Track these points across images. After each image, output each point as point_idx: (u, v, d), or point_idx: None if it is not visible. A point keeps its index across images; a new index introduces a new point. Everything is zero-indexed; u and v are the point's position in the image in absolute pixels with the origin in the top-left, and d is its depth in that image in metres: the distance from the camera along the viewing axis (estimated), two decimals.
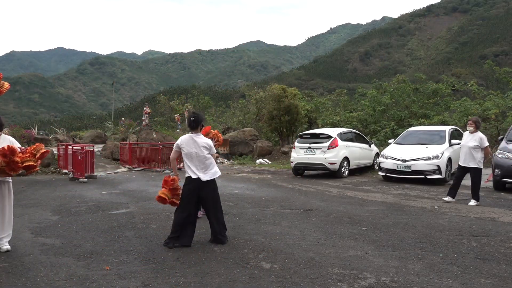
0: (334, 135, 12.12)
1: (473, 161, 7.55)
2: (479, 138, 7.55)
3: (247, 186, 10.39)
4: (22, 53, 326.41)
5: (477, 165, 7.54)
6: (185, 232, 5.00)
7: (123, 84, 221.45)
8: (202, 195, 5.04)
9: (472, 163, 7.55)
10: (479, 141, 7.53)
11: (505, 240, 5.12)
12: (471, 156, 7.56)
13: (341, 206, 7.58)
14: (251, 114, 25.71)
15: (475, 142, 7.55)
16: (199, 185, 4.99)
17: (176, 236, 4.97)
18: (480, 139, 7.54)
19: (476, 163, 7.54)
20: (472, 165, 7.56)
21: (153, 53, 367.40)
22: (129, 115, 72.43)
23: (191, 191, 5.00)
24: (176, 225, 5.00)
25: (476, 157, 7.53)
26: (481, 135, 7.60)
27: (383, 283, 3.69)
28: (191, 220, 5.05)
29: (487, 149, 7.61)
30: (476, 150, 7.54)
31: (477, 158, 7.53)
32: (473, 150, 7.56)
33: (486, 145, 7.58)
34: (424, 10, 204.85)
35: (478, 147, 7.53)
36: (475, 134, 7.63)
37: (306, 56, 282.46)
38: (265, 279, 3.83)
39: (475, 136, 7.61)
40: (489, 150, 7.70)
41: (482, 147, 7.54)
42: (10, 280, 3.90)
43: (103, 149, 19.43)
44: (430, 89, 21.02)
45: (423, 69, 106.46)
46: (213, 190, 5.14)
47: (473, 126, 7.68)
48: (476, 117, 8.09)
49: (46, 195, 9.19)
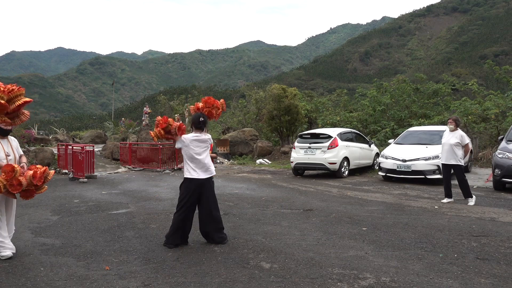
0: (334, 135, 12.12)
1: (454, 159, 7.69)
2: (460, 136, 7.70)
3: (247, 186, 10.39)
4: (22, 53, 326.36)
5: (458, 162, 7.69)
6: (184, 231, 5.02)
7: (123, 84, 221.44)
8: (203, 193, 5.02)
9: (453, 161, 7.70)
10: (460, 138, 7.68)
11: (505, 240, 5.12)
12: (453, 154, 7.71)
13: (341, 206, 7.58)
14: (251, 114, 25.71)
15: (456, 140, 7.70)
16: (200, 185, 4.97)
17: (175, 236, 4.98)
18: (461, 136, 7.70)
19: (457, 160, 7.68)
20: (453, 162, 7.71)
21: (153, 53, 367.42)
22: (129, 115, 72.49)
23: (192, 190, 4.97)
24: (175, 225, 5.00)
25: (457, 154, 7.68)
26: (462, 133, 7.77)
27: (383, 283, 3.69)
28: (190, 219, 5.06)
29: (467, 146, 7.78)
30: (457, 148, 7.69)
31: (458, 155, 7.68)
32: (454, 147, 7.71)
33: (467, 142, 7.74)
34: (424, 10, 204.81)
35: (459, 144, 7.68)
36: (456, 132, 7.79)
37: (306, 56, 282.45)
38: (265, 279, 3.83)
39: (455, 134, 7.77)
40: (469, 147, 7.87)
41: (463, 144, 7.69)
42: (10, 280, 3.90)
43: (103, 149, 19.43)
44: (431, 89, 21.02)
45: (423, 69, 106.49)
46: (213, 189, 5.16)
47: (453, 124, 7.85)
48: (456, 116, 8.25)
49: (46, 195, 9.18)
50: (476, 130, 16.05)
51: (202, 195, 5.03)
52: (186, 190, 5.00)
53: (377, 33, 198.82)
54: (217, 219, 5.11)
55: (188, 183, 5.00)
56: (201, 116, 5.08)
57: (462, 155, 7.71)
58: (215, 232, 5.09)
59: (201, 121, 5.03)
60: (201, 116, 5.07)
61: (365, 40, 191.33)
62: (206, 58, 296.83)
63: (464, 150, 7.75)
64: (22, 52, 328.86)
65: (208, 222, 5.07)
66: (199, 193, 5.00)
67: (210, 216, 5.05)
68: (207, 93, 71.34)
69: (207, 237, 5.14)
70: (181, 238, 5.02)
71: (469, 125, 16.29)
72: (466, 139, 7.74)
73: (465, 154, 7.81)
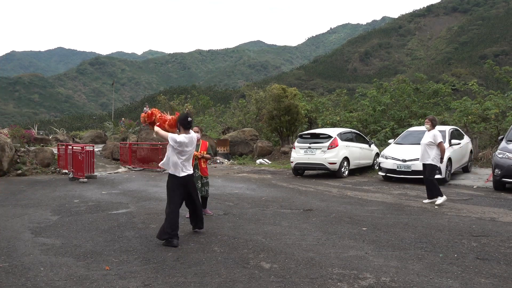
0: (334, 135, 12.12)
1: (428, 158, 7.71)
2: (433, 135, 7.69)
3: (247, 186, 10.39)
4: (22, 53, 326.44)
5: (432, 162, 7.67)
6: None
7: (123, 84, 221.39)
8: (190, 187, 5.39)
9: (427, 160, 7.72)
10: (433, 137, 7.68)
11: (505, 240, 5.12)
12: (427, 153, 7.74)
13: (341, 206, 7.58)
14: (251, 114, 25.70)
15: (429, 139, 7.72)
16: (187, 180, 5.31)
17: (176, 233, 5.09)
18: (434, 135, 7.69)
19: (431, 159, 7.68)
20: (427, 161, 7.72)
21: (153, 53, 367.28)
22: (129, 115, 72.45)
23: (180, 186, 5.28)
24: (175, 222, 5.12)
25: (430, 154, 7.68)
26: (435, 132, 7.73)
27: (383, 283, 3.69)
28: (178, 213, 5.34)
29: (440, 145, 7.69)
30: (430, 147, 7.70)
31: (431, 155, 7.67)
32: (427, 147, 7.74)
33: (439, 141, 7.67)
34: (424, 10, 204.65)
35: (433, 143, 7.67)
36: (431, 131, 7.79)
37: (306, 56, 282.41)
38: (265, 279, 3.83)
39: (430, 133, 7.79)
40: (443, 146, 7.74)
41: (435, 143, 7.66)
42: (10, 280, 3.90)
43: (103, 149, 19.43)
44: (431, 89, 21.01)
45: (423, 69, 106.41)
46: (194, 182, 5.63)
47: (430, 124, 7.85)
48: (433, 116, 8.22)
49: (46, 195, 9.19)
50: (476, 130, 16.05)
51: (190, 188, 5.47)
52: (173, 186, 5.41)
53: (377, 33, 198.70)
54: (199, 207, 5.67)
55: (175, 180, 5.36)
56: (189, 116, 5.32)
57: (436, 155, 7.66)
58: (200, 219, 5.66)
59: (190, 120, 5.26)
60: (189, 116, 5.30)
61: (365, 40, 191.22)
62: (206, 58, 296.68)
63: (439, 149, 7.68)
64: (22, 52, 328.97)
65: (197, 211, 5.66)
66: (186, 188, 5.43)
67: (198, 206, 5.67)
68: (207, 93, 71.42)
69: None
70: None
71: (469, 125, 16.29)
72: (439, 138, 7.68)
73: (441, 153, 7.71)
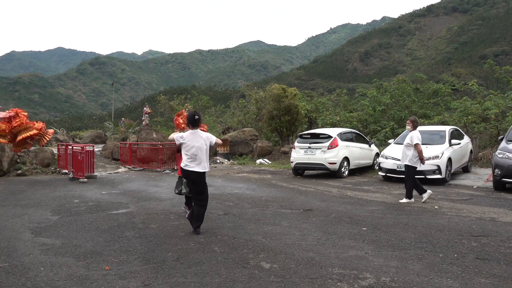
0: (334, 135, 12.12)
1: (406, 159, 7.89)
2: (411, 137, 7.85)
3: (247, 186, 10.39)
4: (22, 53, 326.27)
5: (409, 163, 7.82)
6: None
7: (123, 84, 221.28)
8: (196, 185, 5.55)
9: (406, 161, 7.91)
10: (410, 139, 7.84)
11: (505, 240, 5.12)
12: (405, 154, 7.94)
13: (341, 206, 7.58)
14: (251, 114, 25.69)
15: (407, 140, 7.91)
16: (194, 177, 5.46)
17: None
18: (411, 137, 7.84)
19: (408, 160, 7.84)
20: (406, 163, 7.91)
21: (153, 53, 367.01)
22: (129, 115, 72.47)
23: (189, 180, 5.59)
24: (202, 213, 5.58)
25: (407, 155, 7.85)
26: (413, 133, 7.86)
27: (383, 283, 3.69)
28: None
29: (417, 146, 7.79)
30: (408, 148, 7.87)
31: (408, 156, 7.84)
32: (405, 148, 7.94)
33: (415, 142, 7.78)
34: (424, 10, 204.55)
35: (410, 145, 7.83)
36: (411, 132, 7.95)
37: (306, 56, 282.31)
38: (265, 279, 3.83)
39: (409, 135, 7.94)
40: (419, 147, 7.80)
41: (412, 144, 7.79)
42: (10, 280, 3.90)
43: (103, 149, 19.43)
44: (431, 89, 21.01)
45: (423, 69, 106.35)
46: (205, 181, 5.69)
47: (410, 126, 8.01)
48: (414, 117, 8.34)
49: (46, 195, 9.19)
50: (476, 130, 16.05)
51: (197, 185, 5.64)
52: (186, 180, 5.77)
53: (377, 33, 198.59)
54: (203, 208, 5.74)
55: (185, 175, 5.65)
56: (197, 114, 5.53)
57: (413, 156, 7.78)
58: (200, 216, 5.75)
59: (197, 118, 5.48)
60: (197, 114, 5.52)
61: (365, 40, 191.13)
62: (206, 58, 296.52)
63: (416, 150, 7.77)
64: (22, 52, 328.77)
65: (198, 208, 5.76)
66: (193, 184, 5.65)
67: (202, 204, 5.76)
68: (207, 93, 71.39)
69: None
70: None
71: (469, 125, 16.28)
72: (415, 140, 7.78)
73: (418, 154, 7.78)
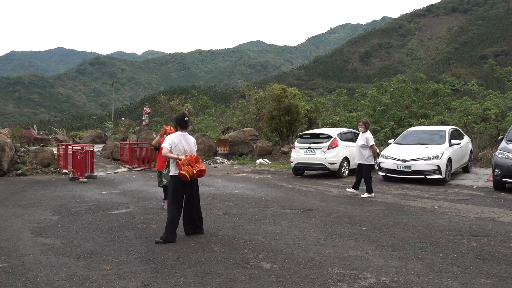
0: (334, 135, 12.12)
1: (362, 159, 8.51)
2: (366, 138, 8.43)
3: (247, 186, 10.39)
4: (22, 53, 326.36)
5: (365, 162, 8.48)
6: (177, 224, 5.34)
7: (123, 84, 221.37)
8: (189, 188, 5.38)
9: (361, 160, 8.54)
10: (365, 140, 8.42)
11: (505, 240, 5.12)
12: (360, 154, 8.53)
13: (341, 206, 7.58)
14: (251, 114, 25.68)
15: (362, 142, 8.47)
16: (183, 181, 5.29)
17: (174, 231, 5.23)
18: (367, 138, 8.43)
19: (364, 160, 8.48)
20: (361, 162, 8.55)
21: (153, 53, 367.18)
22: (129, 115, 72.52)
23: (179, 185, 5.30)
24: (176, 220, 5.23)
25: (364, 155, 8.47)
26: (367, 135, 8.46)
27: (383, 283, 3.69)
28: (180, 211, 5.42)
29: (373, 147, 8.44)
30: (364, 148, 8.47)
31: (365, 155, 8.47)
32: (361, 149, 8.51)
33: (371, 144, 8.41)
34: (424, 10, 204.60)
35: (365, 146, 8.42)
36: (364, 134, 8.53)
37: (306, 56, 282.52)
38: (265, 279, 3.83)
39: (363, 136, 8.52)
40: (375, 148, 8.52)
41: (368, 145, 8.39)
42: (10, 280, 3.90)
43: (103, 149, 19.43)
44: (431, 89, 20.98)
45: (423, 69, 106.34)
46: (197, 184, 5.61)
47: (363, 127, 8.59)
48: (366, 119, 8.91)
49: (46, 195, 9.19)
50: (476, 130, 16.04)
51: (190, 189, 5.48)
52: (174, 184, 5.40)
53: (377, 33, 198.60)
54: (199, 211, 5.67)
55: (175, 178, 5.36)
56: (186, 116, 5.48)
57: (369, 155, 8.44)
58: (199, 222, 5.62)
59: (186, 120, 5.42)
60: (186, 116, 5.47)
61: (365, 40, 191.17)
62: (206, 58, 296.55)
63: (372, 150, 8.41)
64: (22, 52, 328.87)
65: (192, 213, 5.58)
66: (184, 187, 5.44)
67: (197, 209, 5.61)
68: (207, 93, 71.42)
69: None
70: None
71: (469, 125, 16.28)
72: (371, 141, 8.40)
73: (373, 154, 8.49)
